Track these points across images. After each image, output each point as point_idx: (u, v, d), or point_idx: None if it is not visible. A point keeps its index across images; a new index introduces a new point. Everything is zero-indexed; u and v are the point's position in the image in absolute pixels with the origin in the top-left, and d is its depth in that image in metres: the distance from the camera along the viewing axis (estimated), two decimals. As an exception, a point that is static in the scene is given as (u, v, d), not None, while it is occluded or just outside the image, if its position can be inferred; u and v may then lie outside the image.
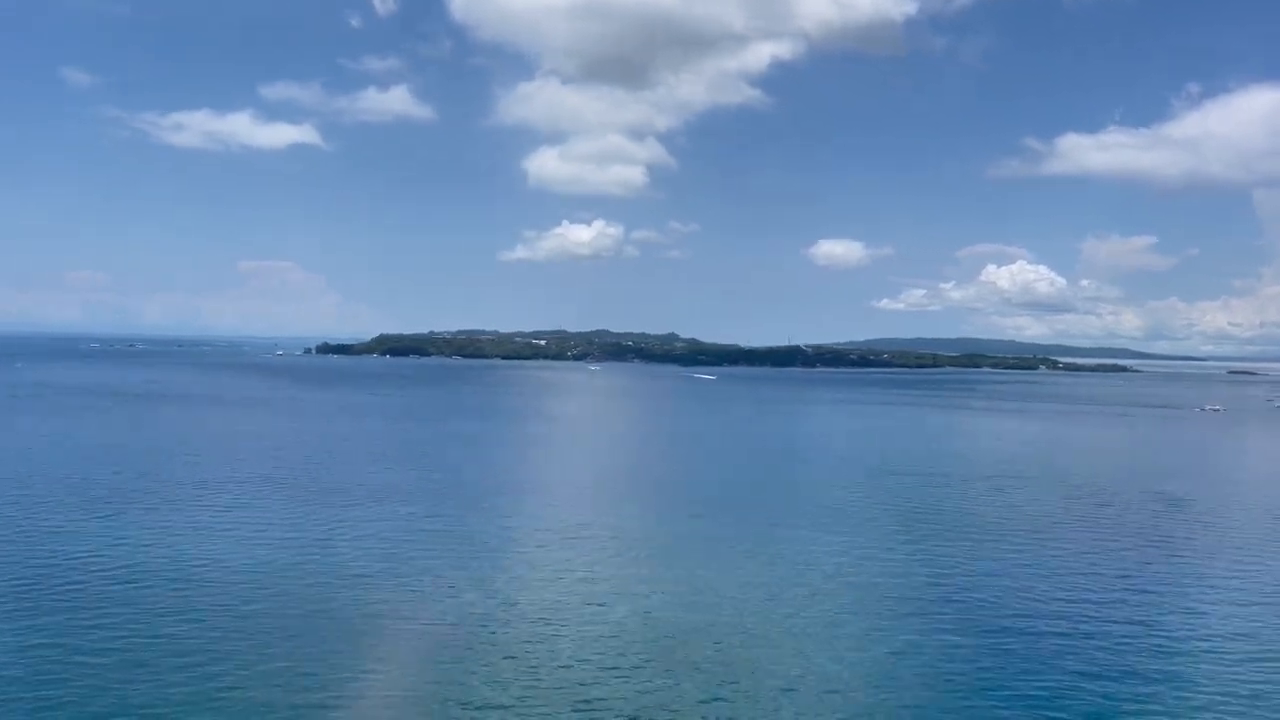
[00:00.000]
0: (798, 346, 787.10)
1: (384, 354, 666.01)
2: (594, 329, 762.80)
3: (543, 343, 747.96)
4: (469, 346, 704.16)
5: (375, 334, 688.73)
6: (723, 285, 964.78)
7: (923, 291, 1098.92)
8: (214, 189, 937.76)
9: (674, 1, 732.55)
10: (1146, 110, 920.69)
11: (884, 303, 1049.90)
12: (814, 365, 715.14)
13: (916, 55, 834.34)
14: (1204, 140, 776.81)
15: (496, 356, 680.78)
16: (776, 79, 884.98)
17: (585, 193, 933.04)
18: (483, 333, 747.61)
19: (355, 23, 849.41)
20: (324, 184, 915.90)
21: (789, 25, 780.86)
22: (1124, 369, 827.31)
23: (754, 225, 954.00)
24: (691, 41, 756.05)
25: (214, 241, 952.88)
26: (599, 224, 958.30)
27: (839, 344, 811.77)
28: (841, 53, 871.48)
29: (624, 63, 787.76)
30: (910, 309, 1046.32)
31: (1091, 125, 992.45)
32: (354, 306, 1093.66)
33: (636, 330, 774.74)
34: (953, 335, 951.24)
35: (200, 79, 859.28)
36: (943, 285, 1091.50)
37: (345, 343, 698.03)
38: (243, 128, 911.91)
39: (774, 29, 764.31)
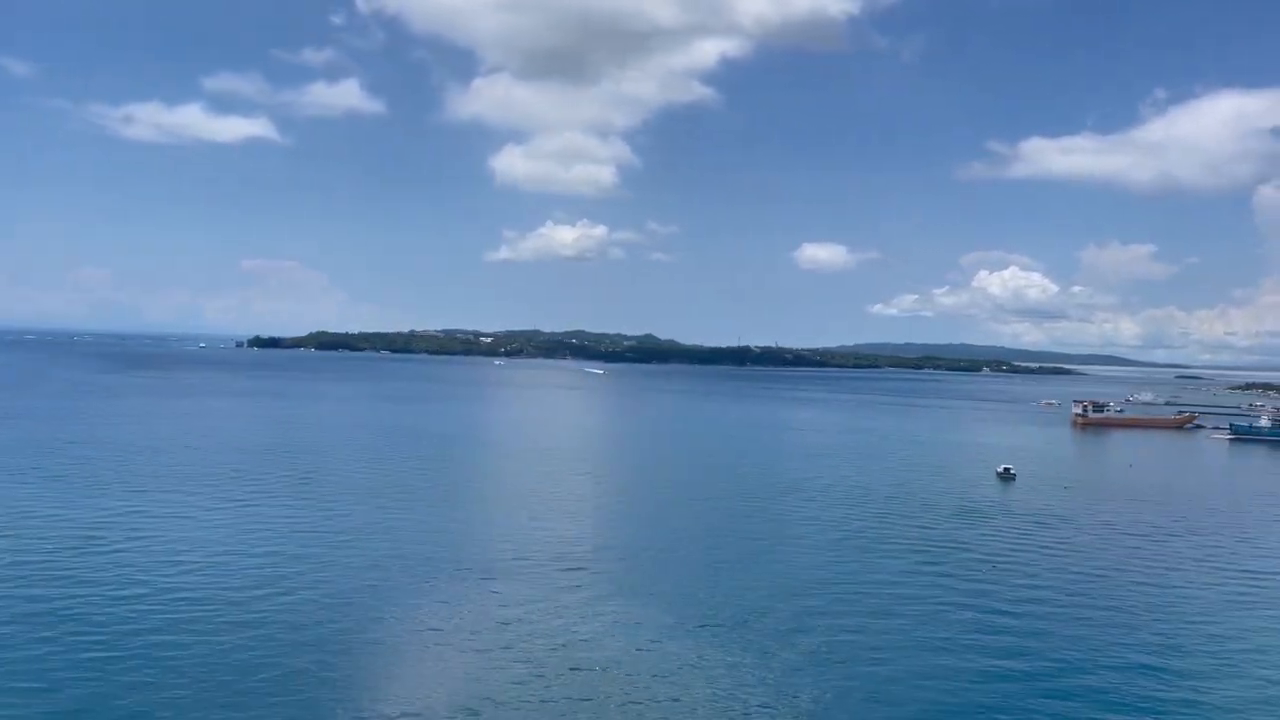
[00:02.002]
0: (747, 346, 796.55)
1: (315, 348, 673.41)
2: (571, 329, 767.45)
3: (489, 340, 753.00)
4: (399, 342, 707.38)
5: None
6: (709, 287, 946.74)
7: (915, 297, 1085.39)
8: (178, 183, 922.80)
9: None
10: (1115, 116, 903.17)
11: (877, 308, 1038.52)
12: (744, 364, 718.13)
13: (860, 54, 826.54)
14: (1173, 146, 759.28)
15: (425, 352, 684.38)
16: (726, 77, 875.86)
17: (557, 192, 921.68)
18: (420, 333, 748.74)
19: (280, 13, 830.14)
20: (288, 180, 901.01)
21: (722, 22, 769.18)
22: (1069, 372, 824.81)
23: (734, 227, 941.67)
24: (626, 36, 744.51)
25: (186, 236, 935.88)
26: (583, 224, 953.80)
27: (828, 348, 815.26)
28: (787, 50, 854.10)
29: (564, 57, 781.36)
30: (904, 314, 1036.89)
31: (1056, 130, 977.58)
32: (348, 305, 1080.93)
33: (613, 331, 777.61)
34: (945, 341, 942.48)
35: (140, 70, 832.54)
36: (936, 291, 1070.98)
37: (277, 337, 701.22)
38: (194, 120, 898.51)
39: (708, 25, 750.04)
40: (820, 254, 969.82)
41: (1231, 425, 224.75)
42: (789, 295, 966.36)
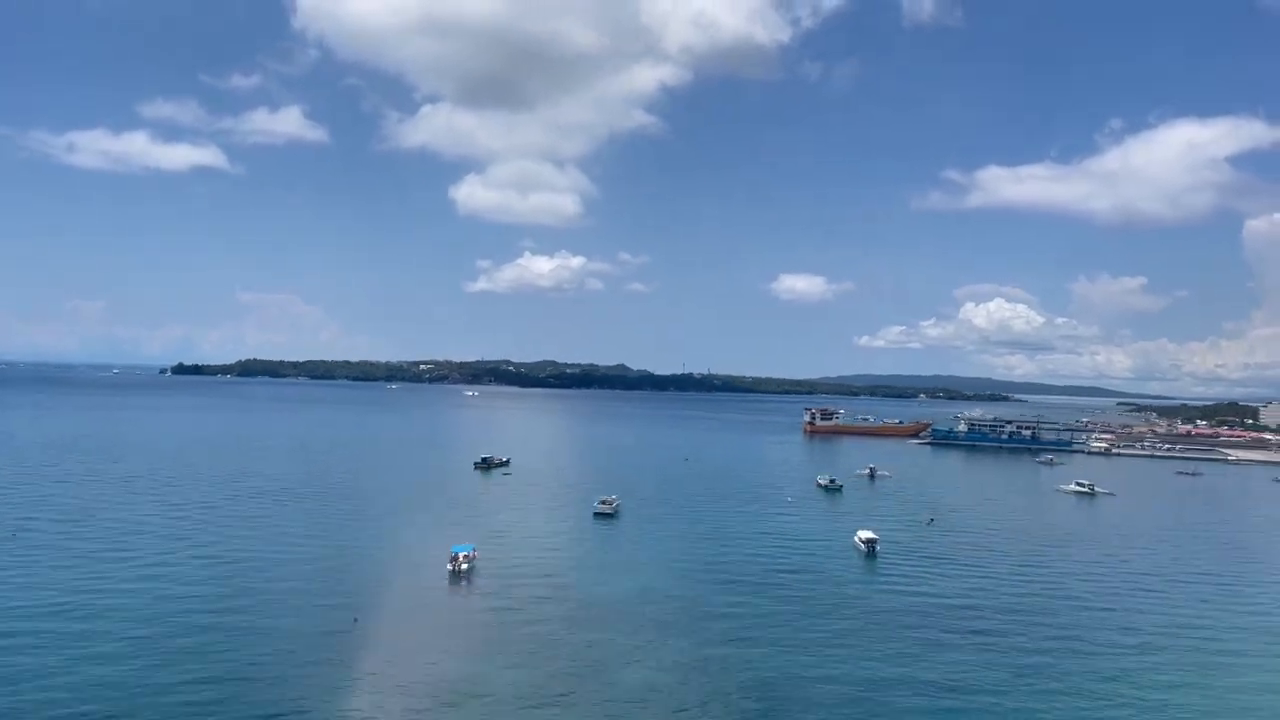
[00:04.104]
0: (690, 374, 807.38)
1: (239, 375, 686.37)
2: (543, 359, 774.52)
3: (428, 367, 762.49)
4: (321, 369, 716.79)
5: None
6: (686, 318, 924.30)
7: (901, 329, 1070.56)
8: (132, 212, 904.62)
9: (511, 17, 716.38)
10: (1072, 145, 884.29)
11: (864, 339, 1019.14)
12: (666, 389, 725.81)
13: (795, 81, 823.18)
14: (1131, 176, 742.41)
15: (346, 378, 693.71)
16: (668, 105, 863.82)
17: (521, 222, 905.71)
18: (340, 360, 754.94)
19: (202, 37, 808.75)
20: (249, 210, 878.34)
21: (644, 47, 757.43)
22: (1006, 399, 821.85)
23: (707, 257, 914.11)
24: (553, 62, 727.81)
25: (159, 267, 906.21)
26: (561, 255, 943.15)
27: (811, 378, 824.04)
28: (723, 78, 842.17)
29: (498, 84, 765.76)
30: (892, 346, 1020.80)
31: (1011, 159, 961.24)
32: (341, 338, 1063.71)
33: (586, 361, 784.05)
34: (932, 372, 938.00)
35: (76, 97, 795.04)
36: (924, 323, 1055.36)
37: (200, 364, 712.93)
38: (141, 147, 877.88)
39: (633, 51, 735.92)
40: (798, 284, 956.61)
41: (933, 431, 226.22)
42: (769, 325, 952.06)
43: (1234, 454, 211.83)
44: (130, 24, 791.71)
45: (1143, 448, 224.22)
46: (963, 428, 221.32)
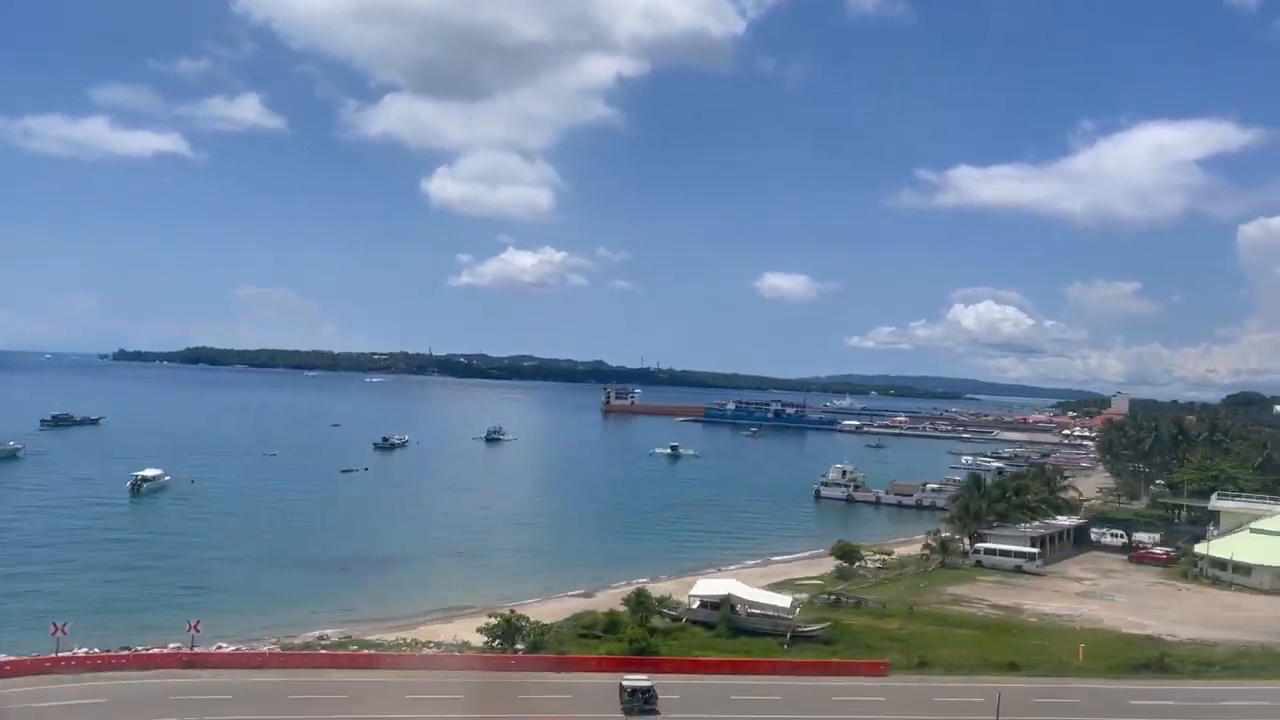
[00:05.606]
0: (647, 368, 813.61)
1: (184, 361, 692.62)
2: (521, 353, 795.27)
3: (383, 358, 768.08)
4: (263, 357, 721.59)
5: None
6: (673, 316, 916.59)
7: (891, 329, 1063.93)
8: (94, 199, 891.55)
9: (452, 4, 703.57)
10: (1044, 146, 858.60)
11: (854, 340, 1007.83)
12: (608, 381, 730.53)
13: (751, 75, 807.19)
14: (1102, 177, 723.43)
15: (286, 367, 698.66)
16: (627, 97, 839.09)
17: (497, 216, 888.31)
18: (280, 349, 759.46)
19: (141, 20, 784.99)
20: (219, 199, 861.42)
21: (591, 37, 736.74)
22: (958, 397, 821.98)
23: (688, 254, 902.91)
24: (502, 52, 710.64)
25: (141, 254, 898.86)
26: (545, 251, 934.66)
27: (801, 378, 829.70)
28: (679, 70, 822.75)
29: (449, 73, 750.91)
30: (880, 347, 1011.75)
31: (982, 159, 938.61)
32: (336, 333, 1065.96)
33: (564, 357, 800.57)
34: (918, 374, 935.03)
35: (24, 80, 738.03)
36: (914, 324, 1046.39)
37: (142, 351, 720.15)
38: (100, 133, 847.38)
39: (580, 41, 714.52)
40: (783, 283, 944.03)
41: (706, 411, 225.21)
42: (755, 324, 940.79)
43: (1001, 434, 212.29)
44: (65, 6, 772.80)
45: (925, 429, 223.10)
46: (731, 407, 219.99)
